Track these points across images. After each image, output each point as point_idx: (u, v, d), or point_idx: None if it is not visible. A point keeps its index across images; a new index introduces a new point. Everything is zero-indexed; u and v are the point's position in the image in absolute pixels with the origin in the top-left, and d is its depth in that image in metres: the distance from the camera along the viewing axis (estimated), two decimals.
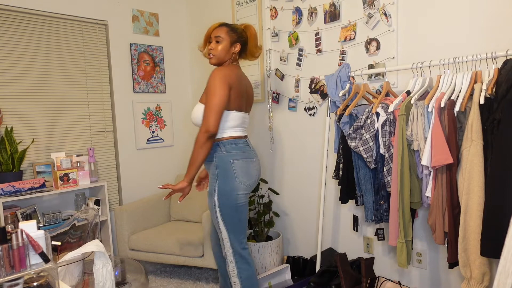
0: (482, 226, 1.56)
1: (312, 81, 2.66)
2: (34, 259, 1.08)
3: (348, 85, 2.18)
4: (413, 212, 2.02)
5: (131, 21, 3.20)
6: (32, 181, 2.53)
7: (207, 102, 1.86)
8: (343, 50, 2.45)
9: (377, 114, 1.96)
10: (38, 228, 1.12)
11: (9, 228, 1.08)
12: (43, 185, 2.58)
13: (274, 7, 2.82)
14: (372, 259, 2.27)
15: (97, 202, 2.82)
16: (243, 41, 2.07)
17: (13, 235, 1.05)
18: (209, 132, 1.83)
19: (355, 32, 2.38)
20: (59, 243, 1.47)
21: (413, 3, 2.12)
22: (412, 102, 1.83)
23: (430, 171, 1.77)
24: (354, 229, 2.40)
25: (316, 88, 2.64)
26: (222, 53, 2.01)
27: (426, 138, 1.75)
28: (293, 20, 2.71)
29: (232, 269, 1.99)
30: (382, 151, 1.95)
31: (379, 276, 2.25)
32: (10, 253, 1.03)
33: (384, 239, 2.22)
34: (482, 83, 1.63)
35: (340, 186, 2.21)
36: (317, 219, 2.74)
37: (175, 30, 3.52)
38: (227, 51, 2.02)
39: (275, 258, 2.68)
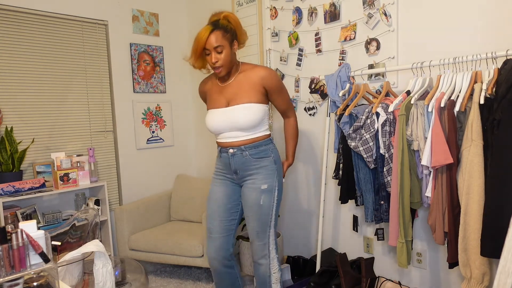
0: (482, 226, 1.56)
1: (312, 81, 2.65)
2: (34, 259, 1.08)
3: (348, 85, 2.17)
4: (413, 212, 2.02)
5: (131, 21, 3.20)
6: (32, 181, 2.53)
7: (286, 96, 2.01)
8: (343, 50, 2.45)
9: (377, 114, 1.96)
10: (38, 228, 1.12)
11: (9, 228, 1.08)
12: (43, 185, 2.57)
13: (274, 7, 2.82)
14: (372, 259, 2.27)
15: (97, 202, 2.82)
16: (235, 35, 1.88)
17: (13, 235, 1.04)
18: None
19: (355, 32, 2.38)
20: (59, 243, 1.47)
21: (413, 3, 2.12)
22: (412, 102, 1.83)
23: (430, 171, 1.77)
24: (354, 229, 2.40)
25: (316, 88, 2.64)
26: (228, 59, 1.84)
27: (426, 138, 1.75)
28: (293, 20, 2.71)
29: (276, 278, 1.95)
30: (382, 151, 1.95)
31: (379, 276, 2.24)
32: (10, 253, 1.03)
33: (384, 239, 2.22)
34: (482, 83, 1.63)
35: (340, 186, 2.22)
36: (317, 219, 2.74)
37: (175, 30, 3.52)
38: (231, 54, 1.86)
39: None
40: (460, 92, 1.72)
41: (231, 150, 1.91)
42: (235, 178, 1.97)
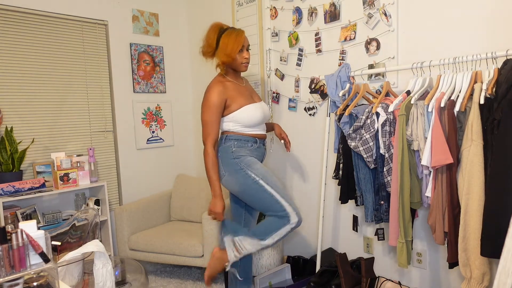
0: (482, 226, 1.56)
1: (312, 81, 2.65)
2: (34, 259, 1.08)
3: (348, 85, 2.18)
4: (413, 212, 2.02)
5: (131, 21, 3.20)
6: (32, 181, 2.53)
7: None
8: (343, 50, 2.45)
9: (377, 114, 1.96)
10: (38, 228, 1.12)
11: (9, 228, 1.08)
12: (43, 185, 2.57)
13: (274, 7, 2.82)
14: (372, 259, 2.27)
15: (97, 202, 2.82)
16: None
17: (13, 235, 1.05)
18: None
19: (355, 32, 2.38)
20: (59, 243, 1.47)
21: (413, 3, 2.12)
22: (412, 102, 1.83)
23: (430, 171, 1.77)
24: (354, 229, 2.40)
25: (316, 88, 2.64)
26: None
27: (426, 138, 1.75)
28: (293, 20, 2.71)
29: None
30: (382, 151, 1.95)
31: (379, 276, 2.24)
32: (10, 253, 1.03)
33: (384, 239, 2.22)
34: (482, 83, 1.63)
35: (340, 186, 2.22)
36: (317, 219, 2.74)
37: (175, 30, 3.52)
38: None
39: (275, 258, 2.68)
40: (460, 92, 1.72)
41: (265, 141, 2.19)
42: None
